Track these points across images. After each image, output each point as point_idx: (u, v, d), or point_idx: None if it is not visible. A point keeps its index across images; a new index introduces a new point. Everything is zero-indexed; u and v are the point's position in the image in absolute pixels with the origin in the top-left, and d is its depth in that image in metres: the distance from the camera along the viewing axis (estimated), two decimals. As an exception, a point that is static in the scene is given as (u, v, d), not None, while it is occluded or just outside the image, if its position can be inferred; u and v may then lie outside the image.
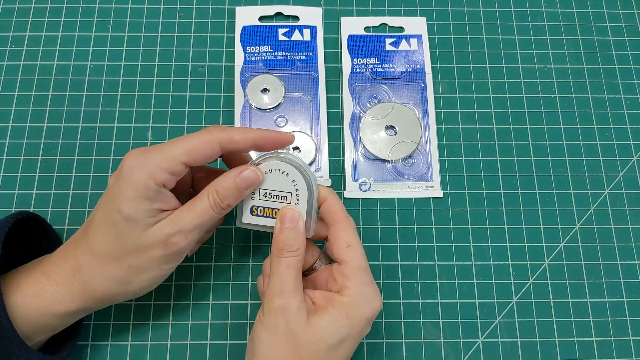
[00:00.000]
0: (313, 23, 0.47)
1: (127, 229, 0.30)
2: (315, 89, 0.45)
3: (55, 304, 0.31)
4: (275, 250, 0.32)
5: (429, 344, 0.39)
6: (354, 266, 0.31)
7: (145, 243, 0.30)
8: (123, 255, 0.30)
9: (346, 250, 0.32)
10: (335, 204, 0.33)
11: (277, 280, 0.31)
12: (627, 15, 0.49)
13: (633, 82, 0.46)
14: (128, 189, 0.29)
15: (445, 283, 0.40)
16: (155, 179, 0.30)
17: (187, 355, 0.38)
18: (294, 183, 0.33)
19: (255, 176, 0.32)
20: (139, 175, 0.29)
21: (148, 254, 0.30)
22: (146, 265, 0.31)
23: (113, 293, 0.31)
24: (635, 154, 0.44)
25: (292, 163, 0.33)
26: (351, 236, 0.32)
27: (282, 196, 0.33)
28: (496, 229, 0.42)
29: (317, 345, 0.29)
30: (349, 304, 0.30)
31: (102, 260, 0.31)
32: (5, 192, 0.41)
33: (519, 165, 0.43)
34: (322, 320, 0.30)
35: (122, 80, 0.45)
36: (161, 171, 0.30)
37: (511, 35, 0.47)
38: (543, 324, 0.39)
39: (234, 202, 0.32)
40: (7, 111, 0.44)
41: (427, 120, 0.44)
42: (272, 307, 0.30)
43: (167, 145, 0.31)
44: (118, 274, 0.31)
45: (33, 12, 0.47)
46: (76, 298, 0.31)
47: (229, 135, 0.31)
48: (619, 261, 0.41)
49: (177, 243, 0.30)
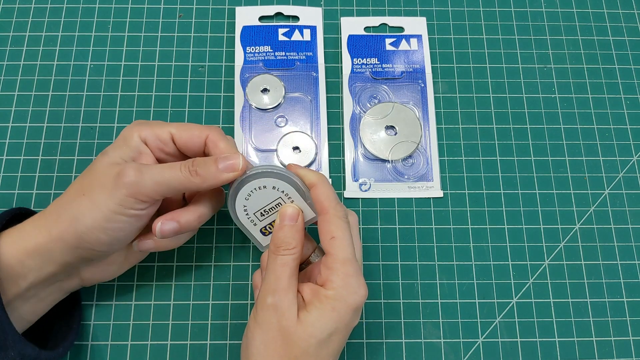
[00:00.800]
0: (313, 23, 0.47)
1: (99, 162, 0.32)
2: (315, 89, 0.45)
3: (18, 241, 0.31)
4: (273, 247, 0.32)
5: (429, 344, 0.39)
6: (338, 258, 0.31)
7: (105, 173, 0.31)
8: (84, 185, 0.32)
9: (330, 242, 0.31)
10: (322, 192, 0.32)
11: (272, 277, 0.31)
12: (627, 15, 0.49)
13: (633, 82, 0.46)
14: (117, 140, 0.34)
15: (445, 283, 0.40)
16: (140, 133, 0.33)
17: (187, 355, 0.38)
18: (274, 188, 0.33)
19: (238, 163, 0.32)
20: (129, 130, 0.34)
21: (101, 182, 0.31)
22: (96, 197, 0.31)
23: (64, 228, 0.31)
24: (635, 154, 0.44)
25: (258, 176, 0.32)
26: (336, 227, 0.31)
27: (275, 205, 0.34)
28: (496, 229, 0.42)
29: (308, 341, 0.29)
30: (333, 297, 0.30)
31: (68, 192, 0.32)
32: (5, 192, 0.41)
33: (519, 165, 0.43)
34: (310, 316, 0.30)
35: (122, 80, 0.45)
36: (147, 129, 0.33)
37: (511, 35, 0.47)
38: (543, 324, 0.39)
39: (205, 174, 0.31)
40: (7, 111, 0.44)
41: (427, 120, 0.44)
42: (265, 304, 0.30)
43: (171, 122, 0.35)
44: (71, 205, 0.31)
45: (33, 12, 0.47)
46: (34, 232, 0.31)
47: (218, 139, 0.34)
48: (619, 261, 0.41)
49: (127, 174, 0.30)
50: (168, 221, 0.33)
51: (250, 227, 0.35)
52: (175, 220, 0.33)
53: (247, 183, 0.32)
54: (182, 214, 0.33)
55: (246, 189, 0.33)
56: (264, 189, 0.33)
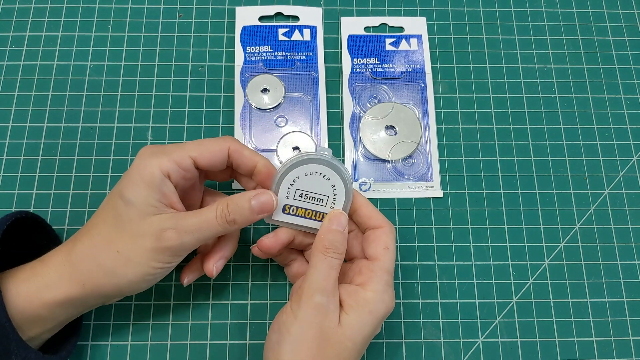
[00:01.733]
0: (313, 23, 0.47)
1: (125, 212, 0.30)
2: (315, 89, 0.45)
3: (43, 289, 0.30)
4: (321, 247, 0.32)
5: (429, 344, 0.39)
6: (384, 266, 0.33)
7: (138, 229, 0.30)
8: (115, 239, 0.30)
9: (383, 250, 0.33)
10: (374, 209, 0.35)
11: (319, 276, 0.31)
12: (627, 15, 0.49)
13: (633, 82, 0.46)
14: (134, 175, 0.31)
15: (445, 283, 0.40)
16: (161, 167, 0.31)
17: (187, 355, 0.38)
18: (333, 188, 0.34)
19: (271, 202, 0.33)
20: (146, 163, 0.31)
21: (138, 242, 0.30)
22: (134, 255, 0.30)
23: (100, 282, 0.31)
24: (635, 154, 0.44)
25: (334, 168, 0.33)
26: (391, 240, 0.34)
27: (319, 199, 0.34)
28: (496, 229, 0.42)
29: (345, 344, 0.30)
30: (371, 299, 0.31)
31: (95, 242, 0.31)
32: (5, 192, 0.41)
33: (519, 165, 0.43)
34: (349, 319, 0.31)
35: (122, 80, 0.45)
36: (169, 161, 0.31)
37: (511, 35, 0.47)
38: (543, 324, 0.39)
39: (241, 221, 0.32)
40: (7, 111, 0.44)
41: (427, 120, 0.44)
42: (311, 302, 0.30)
43: (180, 143, 0.33)
44: (105, 260, 0.30)
45: (33, 12, 0.47)
46: (64, 283, 0.30)
47: (240, 147, 0.34)
48: (619, 261, 0.41)
49: (169, 238, 0.30)
50: (219, 261, 0.35)
51: (281, 195, 0.34)
52: (224, 257, 0.35)
53: (322, 164, 0.33)
54: (226, 249, 0.35)
55: (316, 168, 0.33)
56: (325, 180, 0.34)
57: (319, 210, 0.34)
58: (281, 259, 0.38)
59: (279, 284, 0.40)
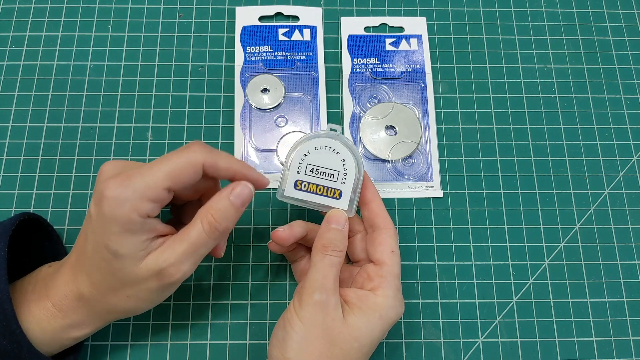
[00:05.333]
0: (313, 23, 0.47)
1: (119, 265, 0.29)
2: (315, 89, 0.45)
3: (70, 330, 0.31)
4: (320, 246, 0.32)
5: (429, 344, 0.39)
6: (393, 271, 0.33)
7: (139, 277, 0.30)
8: (120, 288, 0.30)
9: (390, 254, 0.33)
10: (383, 208, 0.35)
11: (319, 275, 0.31)
12: (627, 15, 0.49)
13: (633, 82, 0.46)
14: (111, 225, 0.28)
15: (445, 283, 0.40)
16: (138, 210, 0.28)
17: (187, 355, 0.38)
18: (343, 162, 0.34)
19: (249, 191, 0.32)
20: (120, 209, 0.28)
21: (144, 286, 0.30)
22: (143, 296, 0.31)
23: (119, 316, 0.33)
24: (635, 154, 0.44)
25: (344, 142, 0.33)
26: (396, 243, 0.34)
27: (329, 173, 0.34)
28: (496, 229, 0.42)
29: (351, 344, 0.30)
30: (382, 304, 0.31)
31: (102, 292, 0.30)
32: (5, 192, 0.41)
33: (519, 165, 0.43)
34: (357, 320, 0.31)
35: (122, 80, 0.45)
36: (143, 201, 0.28)
37: (511, 35, 0.47)
38: (543, 324, 0.39)
39: (231, 223, 0.31)
40: (7, 111, 0.44)
41: (427, 120, 0.44)
42: (311, 301, 0.31)
43: (147, 169, 0.29)
44: (118, 303, 0.31)
45: (33, 12, 0.47)
46: (89, 323, 0.32)
47: (213, 160, 0.31)
48: (619, 261, 0.41)
49: (171, 274, 0.30)
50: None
51: (292, 170, 0.34)
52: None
53: (331, 138, 0.33)
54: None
55: (325, 141, 0.33)
56: (335, 155, 0.34)
57: (330, 186, 0.34)
58: (292, 254, 0.38)
59: (279, 284, 0.40)
